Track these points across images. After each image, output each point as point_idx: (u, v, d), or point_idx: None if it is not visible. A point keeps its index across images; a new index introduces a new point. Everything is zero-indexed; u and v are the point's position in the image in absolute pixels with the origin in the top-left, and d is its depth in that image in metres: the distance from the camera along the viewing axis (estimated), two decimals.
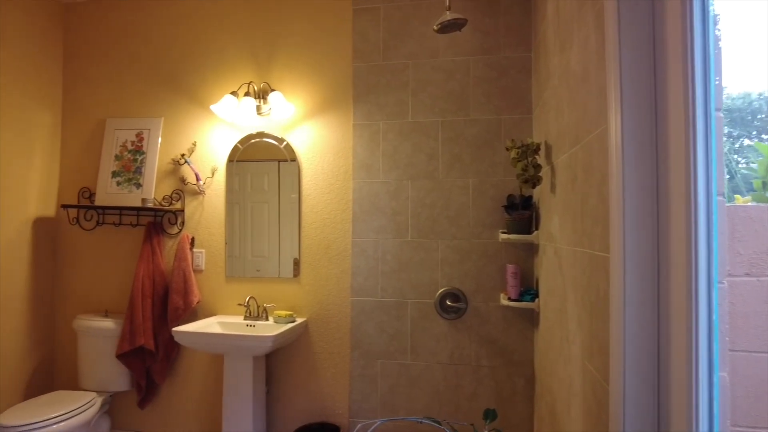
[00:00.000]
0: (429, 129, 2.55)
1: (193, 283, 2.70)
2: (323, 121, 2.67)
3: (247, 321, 2.61)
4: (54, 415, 2.36)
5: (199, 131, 2.81)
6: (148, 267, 2.72)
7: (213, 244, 2.78)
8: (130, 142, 2.88)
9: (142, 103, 2.90)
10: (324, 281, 2.65)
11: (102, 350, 2.71)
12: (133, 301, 2.66)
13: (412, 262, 2.55)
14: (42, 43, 2.89)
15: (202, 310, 2.78)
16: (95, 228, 2.92)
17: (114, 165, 2.88)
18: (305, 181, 2.68)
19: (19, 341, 2.76)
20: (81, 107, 2.99)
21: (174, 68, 2.86)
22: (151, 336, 2.66)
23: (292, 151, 2.68)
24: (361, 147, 2.62)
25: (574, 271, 1.57)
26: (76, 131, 3.00)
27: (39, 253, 2.88)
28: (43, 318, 2.91)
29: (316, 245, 2.66)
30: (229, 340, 2.34)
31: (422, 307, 2.54)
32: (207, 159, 2.79)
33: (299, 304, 2.67)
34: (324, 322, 2.64)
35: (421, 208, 2.55)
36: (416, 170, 2.56)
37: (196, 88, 2.83)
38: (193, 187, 2.80)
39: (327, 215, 2.66)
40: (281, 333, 2.34)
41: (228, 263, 2.76)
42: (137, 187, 2.83)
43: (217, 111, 2.62)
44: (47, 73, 2.93)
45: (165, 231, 2.83)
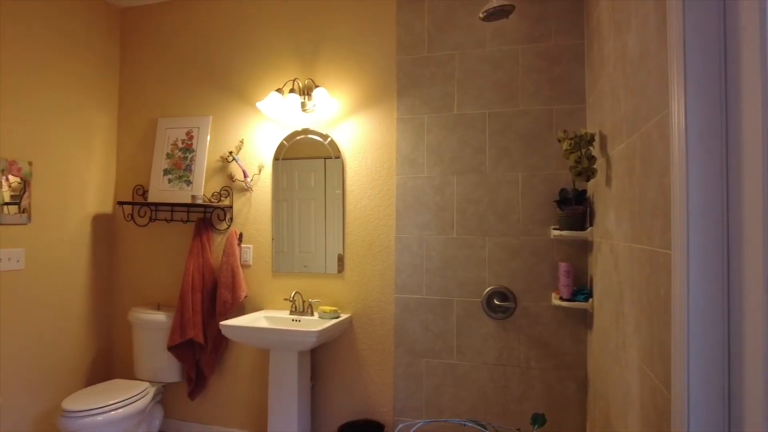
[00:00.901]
0: (475, 121, 2.48)
1: (241, 278, 2.75)
2: (367, 116, 2.65)
3: (293, 316, 2.63)
4: (111, 402, 2.47)
5: (246, 129, 2.86)
6: (198, 262, 2.79)
7: (260, 240, 2.82)
8: (181, 140, 2.96)
9: (192, 102, 2.98)
10: (368, 277, 2.63)
11: (155, 342, 2.81)
12: (183, 295, 2.74)
13: (458, 260, 2.48)
14: (100, 47, 3.02)
15: (249, 305, 2.82)
16: (148, 224, 3.03)
17: (165, 163, 2.97)
18: (349, 177, 2.67)
19: (80, 331, 2.91)
20: (135, 108, 3.11)
21: (222, 67, 2.92)
22: (200, 329, 2.73)
23: (336, 147, 2.67)
24: (405, 141, 2.57)
25: (632, 269, 1.46)
26: (130, 131, 3.12)
27: (97, 248, 3.02)
28: (101, 310, 3.06)
29: (360, 241, 2.64)
30: (274, 334, 2.36)
31: (468, 305, 2.47)
32: (254, 156, 2.83)
33: (343, 300, 2.66)
34: (368, 319, 2.62)
35: (468, 203, 2.48)
36: (462, 164, 2.49)
37: (243, 87, 2.87)
38: (241, 184, 2.84)
39: (371, 211, 2.63)
40: (326, 329, 2.33)
41: (275, 259, 2.79)
42: (187, 184, 2.91)
43: (263, 108, 2.65)
44: (105, 76, 3.06)
45: (214, 227, 2.90)
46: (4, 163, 2.46)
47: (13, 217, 2.51)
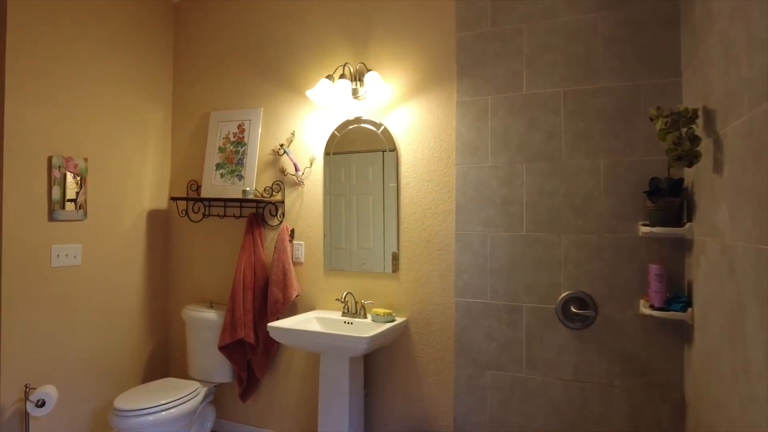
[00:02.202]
0: (548, 102, 2.17)
1: (292, 276, 2.61)
2: (423, 101, 2.41)
3: (345, 318, 2.45)
4: (162, 402, 2.41)
5: (298, 120, 2.71)
6: (250, 259, 2.69)
7: (312, 236, 2.66)
8: (233, 134, 2.87)
9: (243, 94, 2.87)
10: (425, 278, 2.40)
11: (207, 341, 2.73)
12: (234, 293, 2.64)
13: (528, 260, 2.19)
14: (154, 42, 2.99)
15: (302, 304, 2.68)
16: (202, 219, 2.97)
17: (218, 157, 2.89)
18: (404, 168, 2.45)
19: (137, 327, 2.90)
20: (188, 102, 3.06)
21: (272, 56, 2.79)
22: (251, 329, 2.62)
23: (389, 136, 2.46)
24: (466, 127, 2.31)
25: (760, 276, 1.13)
26: (184, 125, 3.08)
27: (153, 244, 3.00)
28: (158, 306, 3.04)
29: (416, 238, 2.42)
30: (321, 338, 2.19)
31: (540, 312, 2.17)
32: (305, 148, 2.68)
33: (398, 302, 2.45)
34: (426, 324, 2.39)
35: (539, 196, 2.18)
36: (532, 151, 2.19)
37: (294, 75, 2.73)
38: (292, 178, 2.70)
39: (428, 205, 2.40)
40: (377, 334, 2.13)
41: (326, 256, 2.63)
42: (239, 179, 2.81)
43: (312, 97, 2.49)
44: (159, 71, 3.03)
45: (266, 222, 2.78)
46: (60, 160, 2.46)
47: (69, 213, 2.51)
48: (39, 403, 2.27)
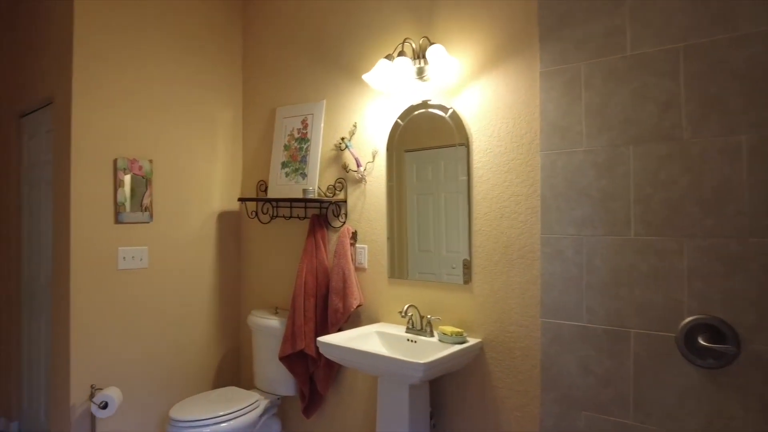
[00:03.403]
0: (661, 62, 1.63)
1: (353, 284, 2.33)
2: (498, 75, 1.98)
3: (409, 335, 2.11)
4: (220, 413, 2.29)
5: (359, 110, 2.43)
6: (312, 263, 2.46)
7: (375, 239, 2.37)
8: (297, 130, 2.68)
9: (307, 86, 2.67)
10: (503, 292, 1.97)
11: (271, 349, 2.56)
12: (295, 301, 2.44)
13: (637, 272, 1.67)
14: (223, 40, 2.91)
15: (365, 315, 2.40)
16: (270, 221, 2.82)
17: (283, 155, 2.72)
18: (477, 158, 2.04)
19: (207, 332, 2.83)
20: (257, 99, 2.94)
21: (332, 42, 2.55)
22: (312, 339, 2.39)
23: (459, 121, 2.07)
24: (552, 103, 1.84)
25: None
26: (253, 124, 2.96)
27: (223, 247, 2.92)
28: (229, 311, 2.95)
29: (492, 243, 2.00)
30: (370, 360, 1.87)
31: (653, 342, 1.64)
32: (367, 141, 2.39)
33: (471, 319, 2.05)
34: (505, 348, 1.96)
35: (652, 188, 1.65)
36: (641, 130, 1.67)
37: (354, 61, 2.45)
38: (354, 174, 2.43)
39: (505, 202, 1.96)
40: (438, 360, 1.76)
41: (390, 262, 2.31)
42: (303, 178, 2.61)
43: (370, 81, 2.19)
44: (228, 69, 2.95)
45: (329, 224, 2.54)
46: (125, 162, 2.45)
47: (134, 215, 2.50)
48: (102, 404, 2.25)
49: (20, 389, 3.01)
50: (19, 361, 3.03)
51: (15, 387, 3.05)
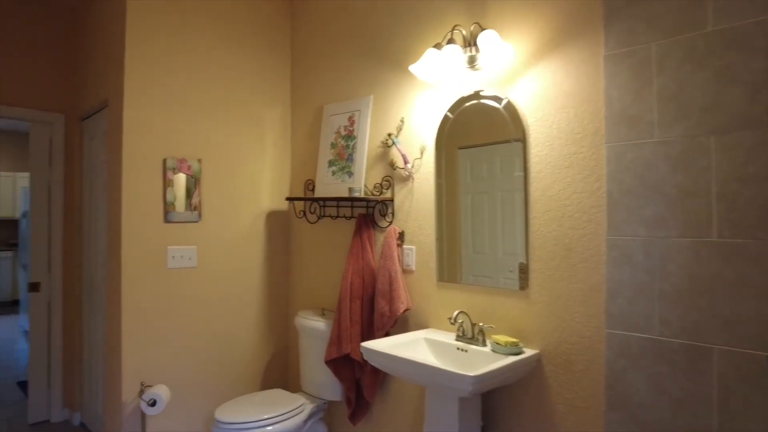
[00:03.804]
0: (751, 37, 1.40)
1: (400, 287, 2.22)
2: (556, 61, 1.80)
3: (459, 343, 1.97)
4: (262, 417, 2.25)
5: (407, 104, 2.32)
6: (358, 264, 2.38)
7: (423, 240, 2.24)
8: (343, 127, 2.60)
9: (353, 82, 2.59)
10: (564, 299, 1.79)
11: (317, 352, 2.51)
12: (341, 303, 2.36)
13: (721, 280, 1.45)
14: (272, 38, 2.89)
15: (413, 319, 2.28)
16: (318, 221, 2.76)
17: (330, 153, 2.65)
18: (534, 152, 1.87)
19: (255, 332, 2.82)
20: (305, 97, 2.89)
21: (379, 34, 2.45)
22: (358, 343, 2.30)
23: (514, 111, 1.91)
24: (619, 89, 1.65)
25: None
26: (301, 122, 2.92)
27: (272, 246, 2.90)
28: (277, 312, 2.93)
29: (552, 245, 1.82)
30: (415, 369, 1.75)
31: (742, 360, 1.41)
32: (415, 136, 2.28)
33: (527, 327, 1.88)
34: (565, 360, 1.78)
35: (739, 183, 1.43)
36: (725, 117, 1.45)
37: (401, 52, 2.34)
38: (401, 172, 2.32)
39: (566, 200, 1.79)
40: (489, 373, 1.61)
41: (439, 264, 2.18)
42: (349, 176, 2.53)
43: (417, 72, 2.07)
44: (276, 67, 2.92)
45: (376, 224, 2.45)
46: (174, 162, 2.47)
47: (183, 214, 2.51)
48: (150, 402, 2.27)
49: (82, 383, 3.13)
50: (80, 356, 3.15)
51: (78, 380, 3.18)
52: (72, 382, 3.21)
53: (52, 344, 3.17)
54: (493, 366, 1.65)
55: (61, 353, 3.19)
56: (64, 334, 3.20)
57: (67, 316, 3.21)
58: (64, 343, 3.20)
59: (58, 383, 3.19)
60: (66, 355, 3.21)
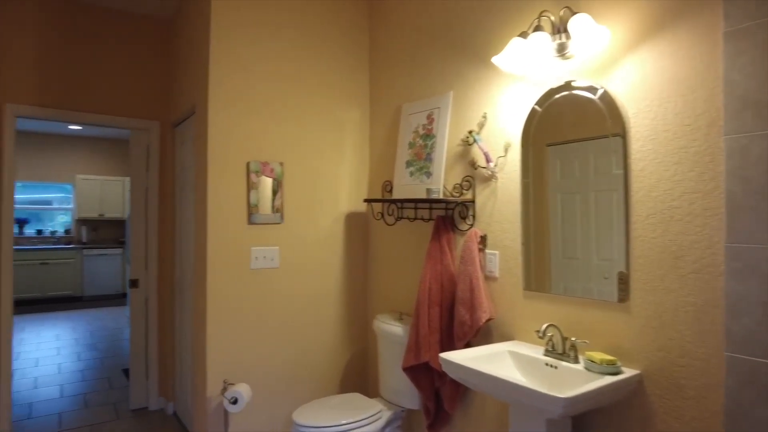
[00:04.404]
0: None
1: (482, 295, 2.09)
2: (661, 43, 1.58)
3: (548, 358, 1.80)
4: (340, 422, 2.22)
5: (489, 99, 2.18)
6: (436, 269, 2.28)
7: (507, 245, 2.09)
8: (422, 126, 2.51)
9: (432, 79, 2.49)
10: (671, 314, 1.57)
11: (395, 358, 2.44)
12: (418, 308, 2.28)
13: None
14: (350, 40, 2.87)
15: (497, 330, 2.14)
16: (395, 223, 2.70)
17: (408, 154, 2.57)
18: (635, 148, 1.66)
19: (334, 334, 2.81)
20: (383, 97, 2.84)
21: (460, 28, 2.32)
22: (437, 352, 2.20)
23: (612, 102, 1.70)
24: (742, 72, 1.40)
25: None
26: (380, 123, 2.87)
27: (350, 248, 2.87)
28: (356, 314, 2.90)
29: (657, 252, 1.60)
30: (499, 386, 1.61)
31: None
32: (498, 133, 2.13)
33: (626, 344, 1.67)
34: (672, 385, 1.56)
35: None
36: None
37: (484, 44, 2.20)
38: (483, 171, 2.18)
39: (675, 201, 1.56)
40: (584, 394, 1.45)
41: (526, 271, 2.01)
42: (427, 177, 2.43)
43: (501, 64, 1.92)
44: (355, 69, 2.89)
45: (456, 226, 2.33)
46: (257, 165, 2.51)
47: (266, 216, 2.55)
48: (232, 400, 2.32)
49: (174, 375, 3.31)
50: (173, 350, 3.33)
51: (171, 372, 3.36)
52: (166, 373, 3.41)
53: (149, 337, 3.38)
54: (588, 387, 1.48)
55: (157, 346, 3.40)
56: (159, 328, 3.40)
57: (162, 311, 3.41)
58: (159, 336, 3.40)
59: (154, 374, 3.41)
60: (161, 348, 3.41)
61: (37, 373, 4.26)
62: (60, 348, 5.11)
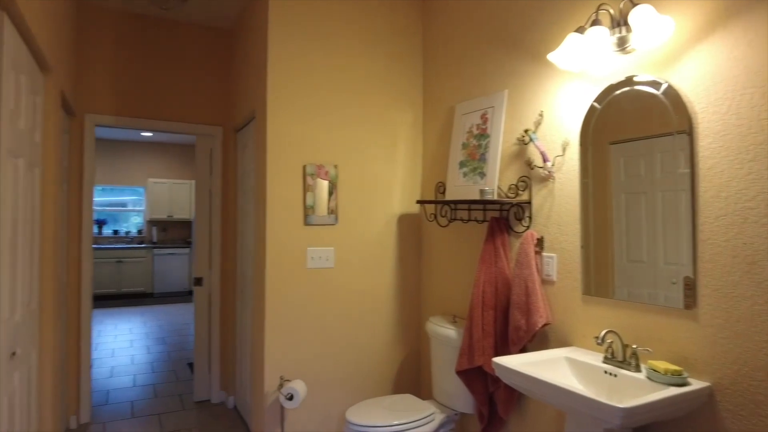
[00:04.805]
0: None
1: (539, 299, 2.03)
2: (732, 31, 1.48)
3: (607, 365, 1.73)
4: (392, 422, 2.22)
5: (546, 97, 2.12)
6: (490, 271, 2.24)
7: (566, 247, 2.02)
8: (475, 125, 2.48)
9: (486, 78, 2.45)
10: (746, 323, 1.46)
11: (448, 360, 2.42)
12: (472, 312, 2.25)
13: None
14: (403, 41, 2.88)
15: (554, 335, 2.07)
16: (448, 224, 2.68)
17: (461, 154, 2.55)
18: (704, 144, 1.56)
19: (388, 334, 2.82)
20: (437, 98, 2.83)
21: (515, 25, 2.27)
22: (491, 356, 2.17)
23: (677, 97, 1.61)
24: None
25: None
26: (433, 124, 2.86)
27: (404, 249, 2.88)
28: (409, 315, 2.90)
29: (729, 257, 1.50)
30: (554, 393, 1.56)
31: None
32: (556, 131, 2.07)
33: (694, 354, 1.57)
34: (747, 400, 1.45)
35: None
36: None
37: (540, 41, 2.14)
38: (540, 171, 2.12)
39: (749, 202, 1.45)
40: (646, 405, 1.37)
41: (585, 275, 1.94)
42: (481, 177, 2.40)
43: (557, 60, 1.87)
44: (408, 70, 2.90)
45: (512, 228, 2.28)
46: (313, 168, 2.58)
47: (321, 217, 2.60)
48: (288, 396, 2.39)
49: (234, 370, 3.45)
50: (234, 346, 3.47)
51: (231, 367, 3.51)
52: (227, 368, 3.56)
53: (212, 333, 3.54)
54: (650, 398, 1.40)
55: (219, 341, 3.55)
56: (221, 324, 3.56)
57: (224, 308, 3.57)
58: (221, 332, 3.56)
59: (216, 368, 3.56)
60: (223, 344, 3.57)
61: (113, 363, 4.57)
62: (133, 341, 5.46)
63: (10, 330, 1.67)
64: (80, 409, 3.19)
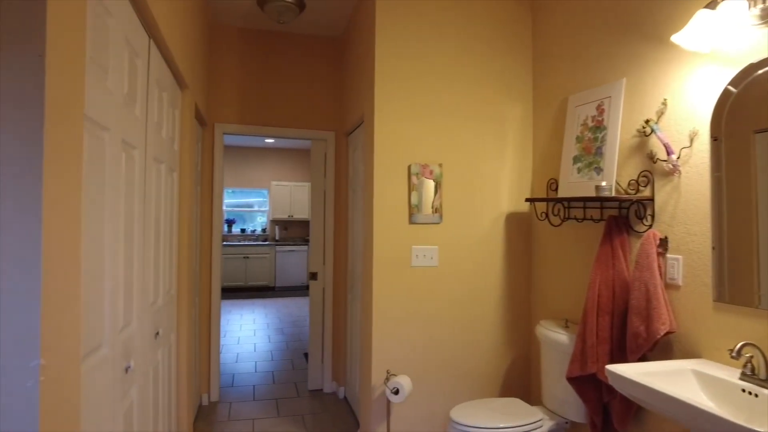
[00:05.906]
0: None
1: (661, 304, 1.85)
2: None
3: (745, 383, 1.53)
4: (498, 425, 2.19)
5: (670, 83, 1.92)
6: (607, 274, 2.09)
7: (694, 249, 1.83)
8: (591, 117, 2.33)
9: (602, 66, 2.29)
10: None
11: (559, 366, 2.31)
12: (585, 316, 2.12)
13: None
14: (511, 32, 2.80)
15: (679, 344, 1.88)
16: (561, 223, 2.55)
17: (575, 149, 2.41)
18: None
19: (493, 335, 2.77)
20: (548, 90, 2.70)
21: (633, 8, 2.09)
22: (605, 363, 2.02)
23: None
24: None
25: None
26: (544, 117, 2.74)
27: (513, 249, 2.80)
28: (518, 316, 2.81)
29: None
30: (678, 409, 1.41)
31: None
32: (681, 121, 1.87)
33: None
34: None
35: None
36: None
37: (662, 22, 1.95)
38: (664, 165, 1.94)
39: None
40: None
41: (717, 280, 1.73)
42: (597, 173, 2.25)
43: (683, 41, 1.69)
44: (517, 63, 2.81)
45: (631, 227, 2.11)
46: (417, 168, 2.61)
47: (426, 216, 2.63)
48: (394, 390, 2.44)
49: (345, 362, 3.60)
50: (345, 338, 3.62)
51: (342, 359, 3.67)
52: (339, 359, 3.73)
53: (325, 325, 3.74)
54: None
55: (332, 334, 3.74)
56: (333, 317, 3.74)
57: (336, 302, 3.75)
58: (333, 325, 3.74)
59: (329, 359, 3.75)
60: (335, 336, 3.75)
61: (238, 350, 5.02)
62: (255, 330, 5.94)
63: (155, 313, 1.92)
64: (210, 389, 3.55)
